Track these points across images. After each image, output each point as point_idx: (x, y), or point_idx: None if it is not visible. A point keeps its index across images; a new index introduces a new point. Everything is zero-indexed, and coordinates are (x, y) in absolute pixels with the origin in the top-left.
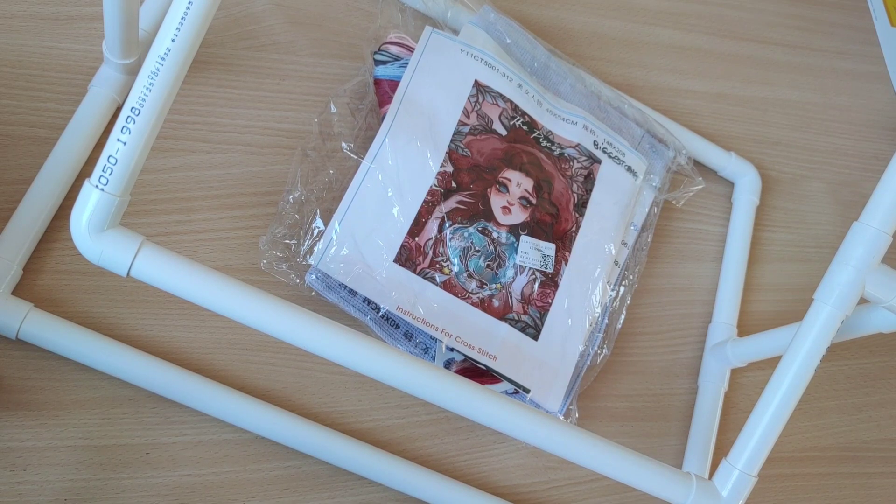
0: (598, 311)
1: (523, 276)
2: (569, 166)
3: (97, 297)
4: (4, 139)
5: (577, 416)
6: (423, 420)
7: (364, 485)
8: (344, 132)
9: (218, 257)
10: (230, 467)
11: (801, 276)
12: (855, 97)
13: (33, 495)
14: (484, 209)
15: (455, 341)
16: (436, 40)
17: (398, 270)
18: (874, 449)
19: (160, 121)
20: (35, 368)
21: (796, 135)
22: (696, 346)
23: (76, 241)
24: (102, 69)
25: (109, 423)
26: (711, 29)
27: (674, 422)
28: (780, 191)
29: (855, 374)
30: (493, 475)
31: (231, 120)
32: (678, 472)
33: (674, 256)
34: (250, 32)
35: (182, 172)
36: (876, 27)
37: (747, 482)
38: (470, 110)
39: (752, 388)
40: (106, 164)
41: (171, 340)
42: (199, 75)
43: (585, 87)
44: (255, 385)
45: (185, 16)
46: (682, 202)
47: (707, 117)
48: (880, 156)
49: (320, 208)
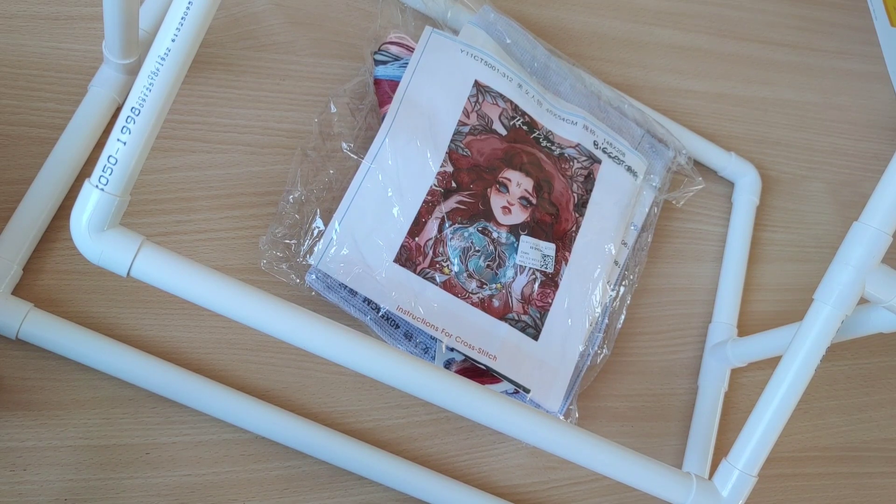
0: (598, 311)
1: (523, 276)
2: (569, 166)
3: (97, 297)
4: (4, 139)
5: (577, 416)
6: (423, 420)
7: (364, 485)
8: (344, 132)
9: (218, 257)
10: (230, 467)
11: (801, 276)
12: (855, 97)
13: (33, 495)
14: (484, 209)
15: (455, 341)
16: (436, 40)
17: (398, 270)
18: (874, 449)
19: (160, 121)
20: (35, 368)
21: (796, 135)
22: (696, 346)
23: (76, 241)
24: (102, 69)
25: (109, 423)
26: (711, 29)
27: (674, 422)
28: (780, 191)
29: (855, 374)
30: (493, 475)
31: (231, 120)
32: (678, 472)
33: (674, 256)
34: (250, 32)
35: (182, 172)
36: (876, 27)
37: (747, 482)
38: (470, 110)
39: (752, 388)
40: (106, 164)
41: (171, 340)
42: (199, 75)
43: (585, 87)
44: (255, 385)
45: (185, 16)
46: (682, 202)
47: (707, 117)
48: (880, 156)
49: (320, 208)
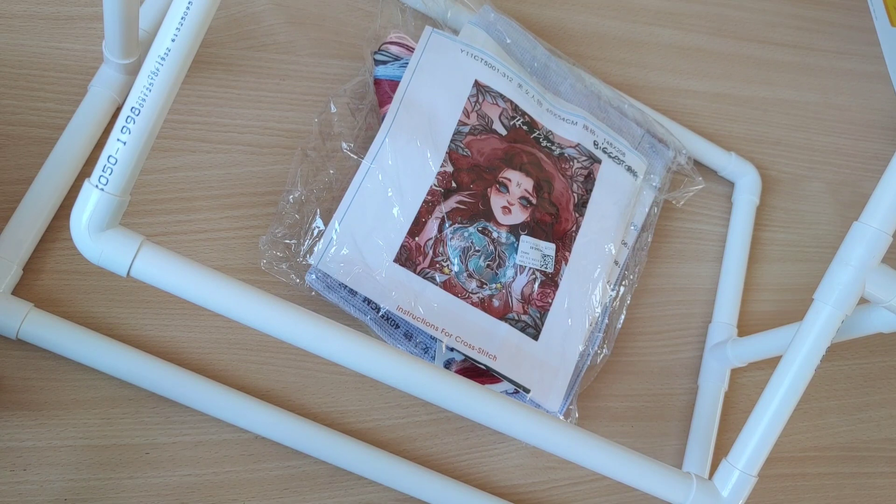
0: (598, 310)
1: (523, 275)
2: (569, 166)
3: (97, 297)
4: (4, 139)
5: (577, 416)
6: (423, 420)
7: (364, 485)
8: (344, 132)
9: (218, 257)
10: (230, 467)
11: (801, 276)
12: (855, 97)
13: (33, 495)
14: (484, 209)
15: (455, 341)
16: (436, 40)
17: (398, 270)
18: (874, 449)
19: (160, 121)
20: (35, 368)
21: (796, 135)
22: (696, 346)
23: (76, 241)
24: (102, 69)
25: (109, 423)
26: (711, 29)
27: (674, 422)
28: (780, 191)
29: (855, 374)
30: (493, 475)
31: (231, 120)
32: (678, 472)
33: (674, 256)
34: (250, 32)
35: (182, 172)
36: (876, 27)
37: (747, 482)
38: (470, 110)
39: (752, 388)
40: (106, 164)
41: (171, 340)
42: (199, 75)
43: (585, 86)
44: (255, 385)
45: (185, 16)
46: (683, 202)
47: (707, 117)
48: (880, 156)
49: (320, 208)
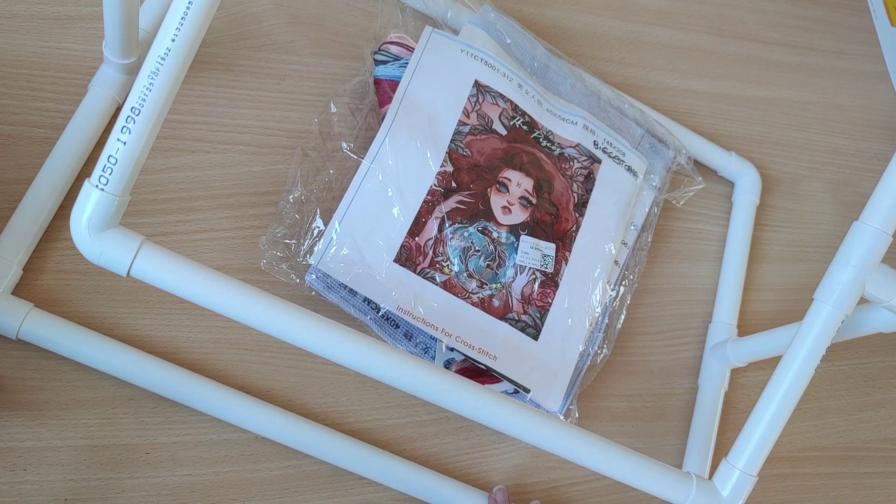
0: (598, 310)
1: (523, 275)
2: (569, 166)
3: (97, 297)
4: (4, 139)
5: (577, 416)
6: (423, 420)
7: (364, 485)
8: (344, 132)
9: (218, 257)
10: (230, 467)
11: (801, 276)
12: (855, 97)
13: (33, 495)
14: (484, 209)
15: (455, 341)
16: (436, 40)
17: (398, 270)
18: (874, 449)
19: (160, 121)
20: (35, 368)
21: (796, 135)
22: (696, 346)
23: (76, 241)
24: (102, 69)
25: (109, 423)
26: (711, 29)
27: (674, 422)
28: (780, 191)
29: (855, 374)
30: (493, 475)
31: (231, 120)
32: (678, 472)
33: (674, 256)
34: (250, 32)
35: (182, 172)
36: (876, 27)
37: (747, 482)
38: (470, 110)
39: (752, 388)
40: (106, 164)
41: (171, 340)
42: (199, 75)
43: (585, 86)
44: (255, 385)
45: (185, 16)
46: (683, 202)
47: (707, 117)
48: (880, 156)
49: (320, 208)
